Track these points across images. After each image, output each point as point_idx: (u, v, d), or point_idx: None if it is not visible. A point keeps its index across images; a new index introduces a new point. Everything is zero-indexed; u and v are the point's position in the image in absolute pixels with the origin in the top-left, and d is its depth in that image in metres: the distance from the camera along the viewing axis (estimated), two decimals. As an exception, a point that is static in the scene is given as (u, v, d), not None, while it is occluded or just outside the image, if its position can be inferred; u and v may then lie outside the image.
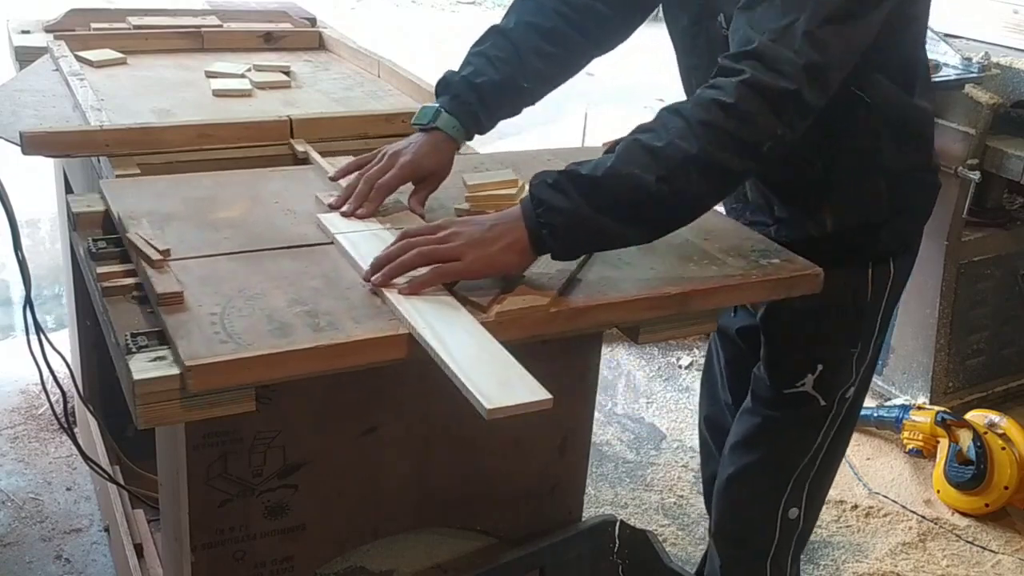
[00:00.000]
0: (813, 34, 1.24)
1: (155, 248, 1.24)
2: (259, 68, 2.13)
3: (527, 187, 1.28)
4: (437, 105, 1.50)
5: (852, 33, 1.28)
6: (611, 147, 1.28)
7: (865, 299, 1.60)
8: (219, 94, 2.00)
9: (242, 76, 2.07)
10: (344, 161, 1.57)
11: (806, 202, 1.56)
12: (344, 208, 1.42)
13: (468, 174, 1.53)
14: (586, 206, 1.21)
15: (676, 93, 1.68)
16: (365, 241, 1.32)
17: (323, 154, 1.68)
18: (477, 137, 1.57)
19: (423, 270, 1.20)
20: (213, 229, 1.37)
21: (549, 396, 1.08)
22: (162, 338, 1.11)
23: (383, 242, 1.30)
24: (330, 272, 1.26)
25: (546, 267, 1.28)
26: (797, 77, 1.23)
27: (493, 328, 1.16)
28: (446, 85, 1.52)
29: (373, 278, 1.21)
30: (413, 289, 1.19)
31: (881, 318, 1.64)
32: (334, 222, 1.39)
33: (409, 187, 1.47)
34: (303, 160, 1.70)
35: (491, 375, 1.08)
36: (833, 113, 1.35)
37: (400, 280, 1.21)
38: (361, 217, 1.41)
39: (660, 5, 1.61)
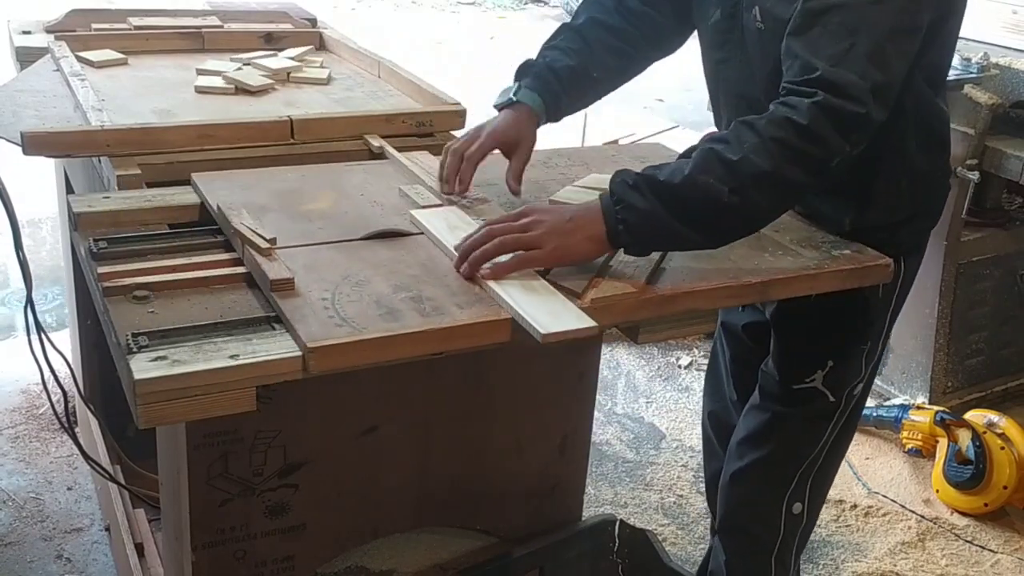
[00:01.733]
0: (873, 56, 1.29)
1: (262, 236, 1.28)
2: (257, 65, 2.13)
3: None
4: (519, 83, 1.57)
5: (908, 47, 1.34)
6: (684, 153, 1.35)
7: (877, 296, 1.62)
8: (200, 91, 2.01)
9: (223, 75, 2.07)
10: (422, 157, 1.65)
11: (828, 201, 1.57)
12: (444, 187, 1.50)
13: (556, 193, 1.56)
14: (661, 209, 1.28)
15: (676, 92, 1.68)
16: (458, 235, 1.37)
17: (325, 154, 1.69)
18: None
19: (505, 257, 1.27)
20: (306, 220, 1.42)
21: (595, 324, 1.19)
22: (171, 335, 1.11)
23: (461, 221, 1.38)
24: (426, 260, 1.32)
25: (628, 261, 1.34)
26: (866, 100, 1.28)
27: (589, 313, 1.21)
28: (526, 68, 1.60)
29: (462, 268, 1.28)
30: (496, 273, 1.26)
31: (890, 315, 1.67)
32: (425, 217, 1.43)
33: (499, 175, 1.53)
34: (379, 155, 1.75)
35: (544, 310, 1.19)
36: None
37: (486, 267, 1.27)
38: (460, 193, 1.49)
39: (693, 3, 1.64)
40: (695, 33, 1.69)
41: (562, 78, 1.58)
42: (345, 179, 1.58)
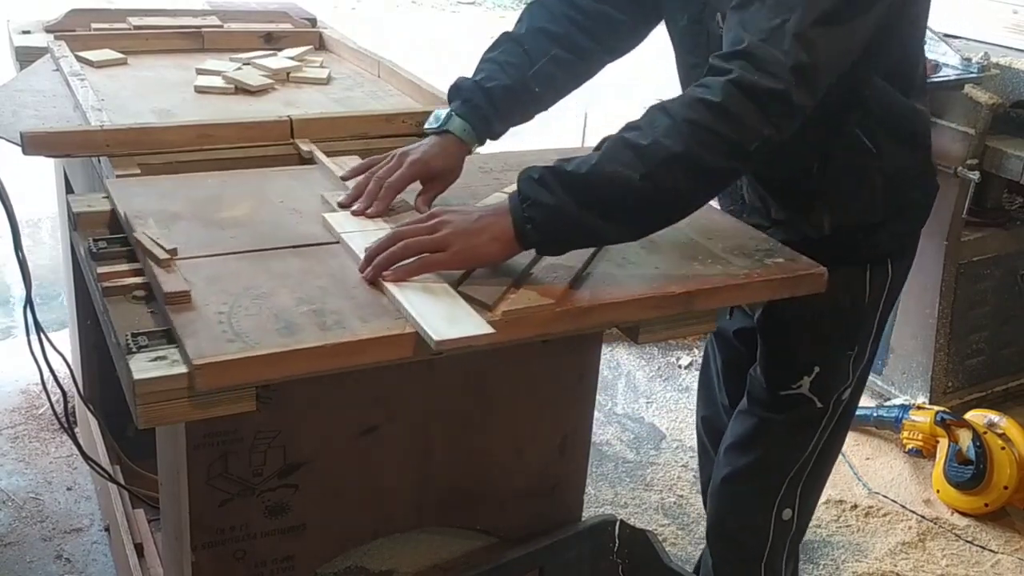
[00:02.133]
0: (802, 35, 1.24)
1: (162, 247, 1.25)
2: (257, 65, 2.13)
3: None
4: (449, 110, 1.52)
5: (842, 35, 1.29)
6: (597, 145, 1.29)
7: (863, 300, 1.60)
8: (200, 91, 2.00)
9: (222, 75, 2.06)
10: (350, 161, 1.58)
11: (803, 204, 1.56)
12: (354, 207, 1.43)
13: (481, 202, 1.51)
14: (570, 202, 1.22)
15: (676, 92, 1.68)
16: (370, 240, 1.33)
17: (326, 154, 1.69)
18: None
19: (411, 260, 1.23)
20: (219, 228, 1.37)
21: (492, 331, 1.14)
22: (168, 337, 1.11)
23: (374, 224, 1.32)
24: (336, 271, 1.27)
25: (551, 266, 1.29)
26: (785, 77, 1.23)
27: (499, 327, 1.17)
28: (457, 90, 1.53)
29: (366, 272, 1.23)
30: (398, 276, 1.21)
31: (878, 320, 1.65)
32: (340, 222, 1.39)
33: (417, 188, 1.48)
34: (308, 160, 1.70)
35: (441, 316, 1.15)
36: (830, 114, 1.35)
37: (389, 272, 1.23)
38: (370, 216, 1.41)
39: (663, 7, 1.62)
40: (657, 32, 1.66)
41: (495, 99, 1.51)
42: (267, 185, 1.53)
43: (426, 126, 1.53)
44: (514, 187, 1.51)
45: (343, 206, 1.44)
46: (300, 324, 1.13)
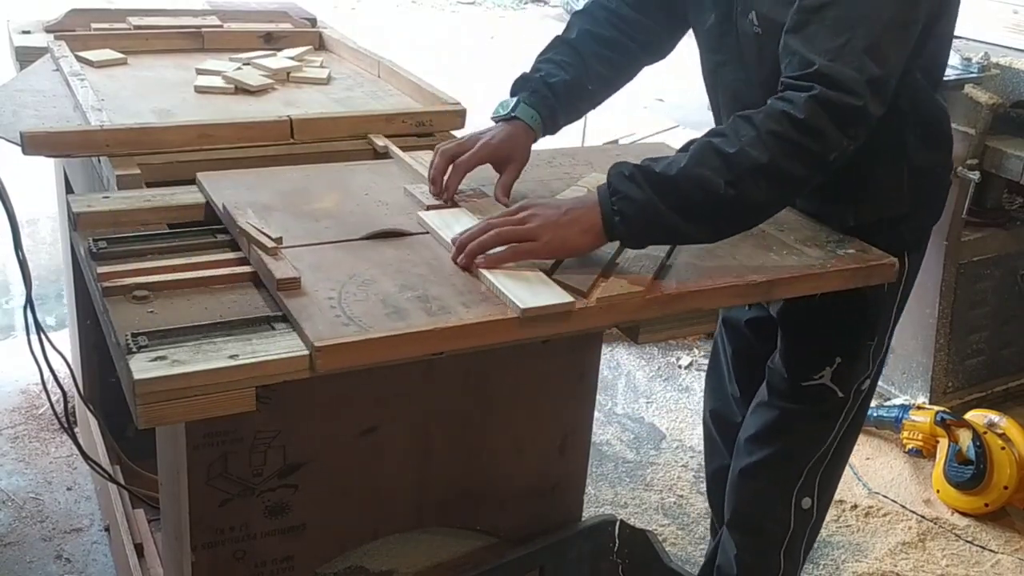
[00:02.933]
0: (870, 50, 1.29)
1: (268, 236, 1.28)
2: (257, 65, 2.13)
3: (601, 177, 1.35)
4: (517, 98, 1.57)
5: (905, 41, 1.34)
6: (683, 147, 1.34)
7: (882, 292, 1.62)
8: (200, 91, 2.01)
9: (222, 75, 2.06)
10: (426, 156, 1.63)
11: (830, 197, 1.57)
12: (428, 188, 1.49)
13: (560, 194, 1.56)
14: (658, 200, 1.28)
15: (676, 92, 1.68)
16: (450, 221, 1.39)
17: (324, 154, 1.70)
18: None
19: (501, 248, 1.28)
20: (312, 219, 1.41)
21: (572, 300, 1.22)
22: (171, 335, 1.11)
23: (469, 221, 1.37)
24: (432, 260, 1.32)
25: (636, 256, 1.34)
26: (863, 93, 1.29)
27: (593, 312, 1.23)
28: (524, 82, 1.60)
29: (459, 258, 1.29)
30: (490, 263, 1.27)
31: (896, 311, 1.68)
32: (432, 219, 1.43)
33: (494, 179, 1.53)
34: (383, 155, 1.75)
35: (525, 290, 1.23)
36: None
37: (480, 258, 1.28)
38: (444, 199, 1.48)
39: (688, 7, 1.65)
40: (689, 36, 1.70)
41: (558, 93, 1.58)
42: (349, 179, 1.59)
43: (493, 115, 1.58)
44: (587, 182, 1.59)
45: (432, 197, 1.49)
46: (407, 309, 1.18)
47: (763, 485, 1.81)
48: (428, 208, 1.47)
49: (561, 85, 1.59)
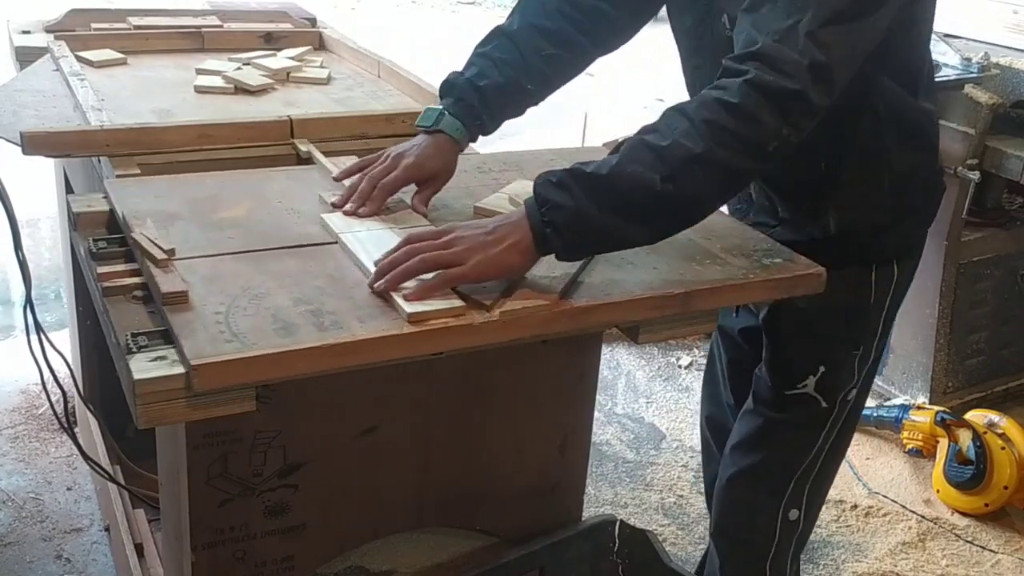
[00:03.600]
0: (816, 34, 1.24)
1: (160, 247, 1.24)
2: (257, 65, 2.13)
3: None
4: (441, 107, 1.51)
5: (856, 33, 1.28)
6: (614, 148, 1.28)
7: (868, 301, 1.60)
8: (200, 91, 2.01)
9: (222, 75, 2.06)
10: (347, 161, 1.58)
11: (810, 203, 1.56)
12: (347, 207, 1.43)
13: (481, 202, 1.51)
14: (590, 204, 1.21)
15: (676, 93, 1.68)
16: (369, 240, 1.33)
17: (325, 154, 1.68)
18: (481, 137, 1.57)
19: (428, 275, 1.21)
20: (217, 229, 1.37)
21: (461, 303, 1.17)
22: (165, 337, 1.11)
23: (387, 242, 1.31)
24: (334, 272, 1.27)
25: (549, 269, 1.28)
26: (801, 77, 1.23)
27: (497, 327, 1.17)
28: (450, 87, 1.53)
29: (377, 284, 1.21)
30: (420, 295, 1.18)
31: (884, 320, 1.65)
32: (337, 222, 1.39)
33: (412, 188, 1.48)
34: (306, 160, 1.70)
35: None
36: (838, 114, 1.35)
37: (408, 284, 1.20)
38: (363, 216, 1.41)
39: (664, 6, 1.62)
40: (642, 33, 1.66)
41: (487, 97, 1.50)
42: (265, 186, 1.53)
43: (418, 122, 1.52)
44: (511, 189, 1.52)
45: (336, 206, 1.44)
46: (298, 324, 1.12)
47: (748, 495, 1.79)
48: (332, 205, 1.43)
49: (492, 89, 1.50)
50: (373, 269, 1.24)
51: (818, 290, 1.40)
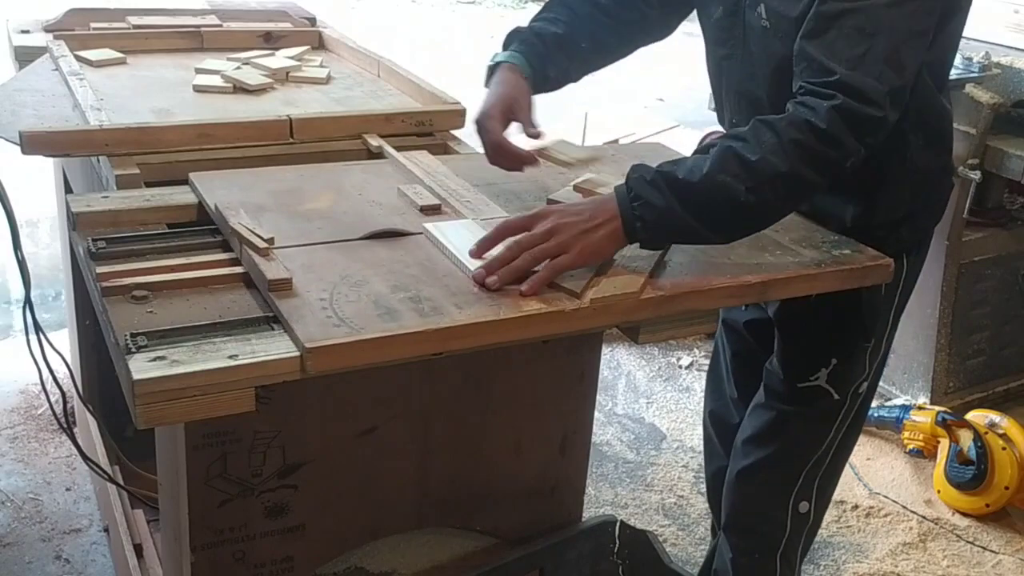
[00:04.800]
0: (890, 59, 1.30)
1: (260, 236, 1.27)
2: (256, 64, 2.13)
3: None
4: (508, 51, 1.57)
5: (921, 49, 1.35)
6: (700, 148, 1.36)
7: (880, 294, 1.61)
8: (199, 90, 2.00)
9: (221, 74, 2.06)
10: (419, 156, 1.65)
11: (830, 198, 1.56)
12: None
13: (554, 194, 1.55)
14: (678, 206, 1.28)
15: (677, 92, 1.67)
16: (451, 231, 1.38)
17: (326, 153, 1.70)
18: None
19: (539, 269, 1.26)
20: (305, 220, 1.41)
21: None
22: (170, 336, 1.11)
23: (471, 231, 1.36)
24: (424, 260, 1.31)
25: (631, 256, 1.34)
26: (883, 103, 1.30)
27: (588, 314, 1.22)
28: (512, 36, 1.59)
29: (488, 280, 1.25)
30: (533, 289, 1.24)
31: (894, 313, 1.67)
32: (440, 230, 1.40)
33: (498, 175, 1.54)
34: (377, 155, 1.75)
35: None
36: None
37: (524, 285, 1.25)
38: (529, 162, 1.49)
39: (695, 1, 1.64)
40: (680, 27, 1.69)
41: (548, 44, 1.57)
42: (343, 179, 1.58)
43: (485, 81, 1.56)
44: (582, 180, 1.57)
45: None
46: (399, 310, 1.17)
47: (759, 488, 1.80)
48: (422, 210, 1.46)
49: (552, 38, 1.57)
50: (464, 258, 1.29)
51: (887, 279, 1.47)
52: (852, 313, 1.61)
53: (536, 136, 1.50)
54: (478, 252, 1.29)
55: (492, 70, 1.56)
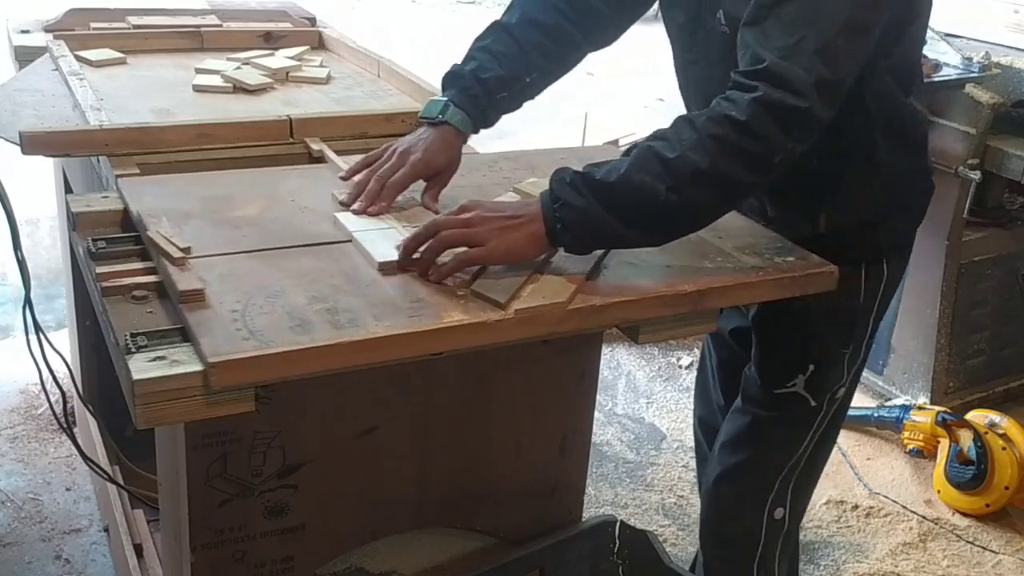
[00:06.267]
0: (822, 51, 1.25)
1: (176, 246, 1.25)
2: (256, 64, 2.13)
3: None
4: (445, 99, 1.52)
5: (860, 45, 1.30)
6: (628, 150, 1.31)
7: (858, 300, 1.60)
8: (198, 90, 2.00)
9: (221, 74, 2.06)
10: (356, 159, 1.58)
11: (799, 202, 1.56)
12: (355, 206, 1.43)
13: (498, 197, 1.51)
14: (598, 207, 1.25)
15: (677, 92, 1.67)
16: (380, 238, 1.34)
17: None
18: (473, 136, 1.58)
19: (446, 258, 1.25)
20: (232, 227, 1.37)
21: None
22: (181, 335, 1.11)
23: (399, 240, 1.32)
24: (349, 269, 1.27)
25: (562, 264, 1.30)
26: (809, 95, 1.25)
27: (512, 325, 1.18)
28: (453, 78, 1.54)
29: (402, 261, 1.26)
30: (439, 277, 1.23)
31: (873, 319, 1.65)
32: (350, 220, 1.39)
33: (420, 184, 1.48)
34: (318, 158, 1.71)
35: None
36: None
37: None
38: (373, 215, 1.42)
39: (656, 3, 1.62)
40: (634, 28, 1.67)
41: (490, 89, 1.52)
42: (278, 184, 1.53)
43: (421, 114, 1.53)
44: (525, 187, 1.53)
45: (344, 204, 1.44)
46: (313, 322, 1.13)
47: (734, 493, 1.79)
48: (341, 203, 1.43)
49: (494, 81, 1.52)
50: (368, 246, 1.27)
51: (831, 287, 1.41)
52: (830, 319, 1.60)
53: (432, 210, 1.45)
54: (406, 250, 1.27)
55: (435, 121, 1.50)
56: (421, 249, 1.25)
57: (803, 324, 1.60)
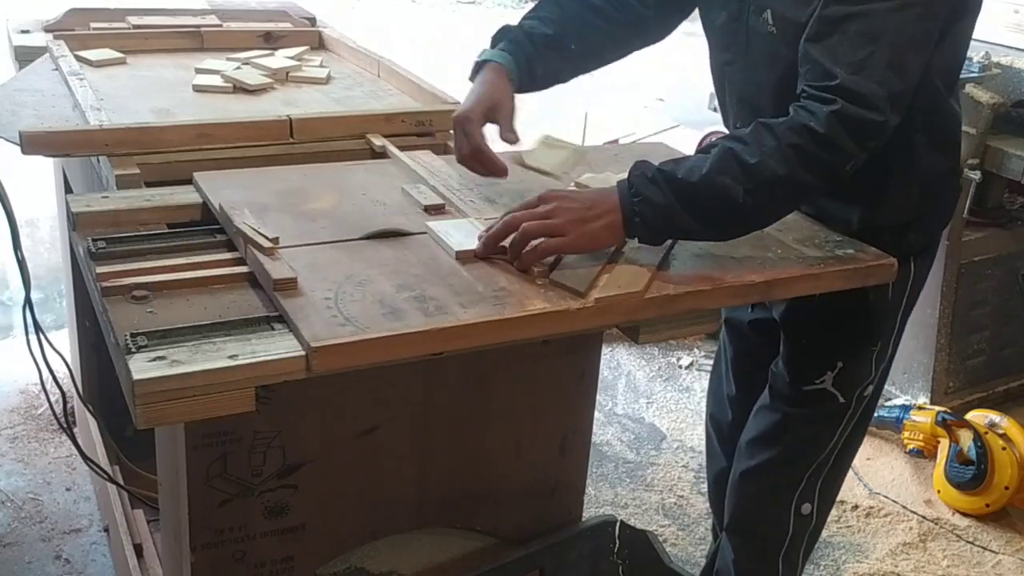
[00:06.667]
0: (893, 63, 1.30)
1: (264, 236, 1.28)
2: (256, 64, 2.13)
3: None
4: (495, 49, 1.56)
5: (925, 53, 1.35)
6: (701, 148, 1.36)
7: (887, 297, 1.61)
8: (199, 90, 2.00)
9: (221, 74, 2.06)
10: (422, 156, 1.66)
11: (836, 201, 1.56)
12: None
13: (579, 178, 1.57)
14: (677, 205, 1.30)
15: (677, 92, 1.67)
16: (455, 229, 1.38)
17: (325, 154, 1.69)
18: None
19: (530, 247, 1.28)
20: (309, 219, 1.41)
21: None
22: (161, 336, 1.11)
23: (472, 231, 1.37)
24: (428, 260, 1.31)
25: (634, 255, 1.35)
26: (884, 108, 1.30)
27: (592, 313, 1.23)
28: (502, 34, 1.58)
29: (481, 253, 1.30)
30: (523, 265, 1.27)
31: (901, 317, 1.67)
32: (444, 228, 1.41)
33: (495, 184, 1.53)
34: (381, 154, 1.75)
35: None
36: None
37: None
38: (498, 174, 1.49)
39: (696, 6, 1.64)
40: (680, 27, 1.69)
41: (536, 44, 1.56)
42: (347, 178, 1.58)
43: (470, 75, 1.56)
44: (584, 180, 1.57)
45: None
46: (404, 309, 1.17)
47: (762, 489, 1.80)
48: (425, 209, 1.46)
49: (542, 38, 1.57)
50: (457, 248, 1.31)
51: (891, 279, 1.47)
52: (859, 316, 1.61)
53: (513, 142, 1.49)
54: (489, 245, 1.31)
55: (478, 67, 1.55)
56: (506, 242, 1.29)
57: (833, 322, 1.61)
